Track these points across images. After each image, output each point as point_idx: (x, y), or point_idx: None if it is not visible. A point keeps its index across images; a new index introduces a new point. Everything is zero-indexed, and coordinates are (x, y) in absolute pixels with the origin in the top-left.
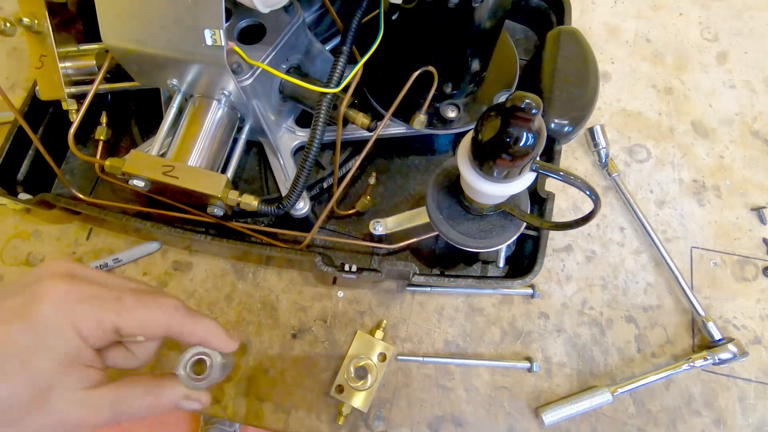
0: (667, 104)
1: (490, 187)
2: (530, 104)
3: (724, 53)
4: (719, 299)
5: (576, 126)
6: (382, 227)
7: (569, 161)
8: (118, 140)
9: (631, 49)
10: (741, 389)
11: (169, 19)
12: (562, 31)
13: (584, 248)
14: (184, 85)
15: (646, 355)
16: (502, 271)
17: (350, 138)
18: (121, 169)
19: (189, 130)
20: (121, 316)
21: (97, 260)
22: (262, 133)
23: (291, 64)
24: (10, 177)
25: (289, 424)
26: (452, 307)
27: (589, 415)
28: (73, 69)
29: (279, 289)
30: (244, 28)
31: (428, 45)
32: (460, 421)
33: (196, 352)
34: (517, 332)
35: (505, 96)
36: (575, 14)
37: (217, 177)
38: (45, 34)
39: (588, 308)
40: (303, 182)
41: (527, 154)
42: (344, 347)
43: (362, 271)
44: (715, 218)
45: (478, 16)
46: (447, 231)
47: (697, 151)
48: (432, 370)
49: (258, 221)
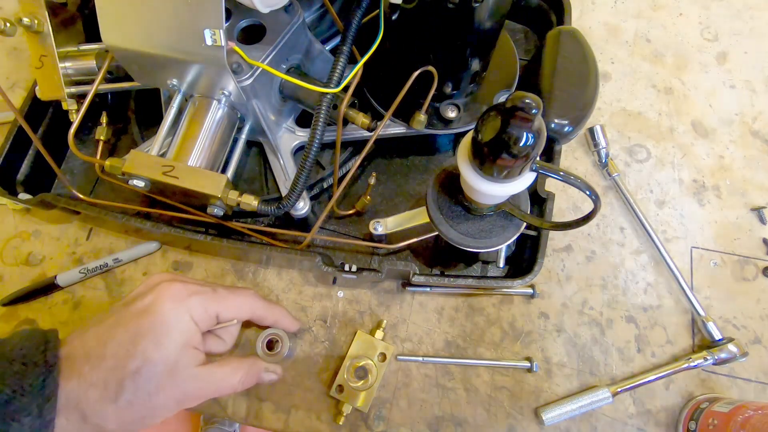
0: (667, 104)
1: (490, 187)
2: (530, 104)
3: (724, 53)
4: (719, 299)
5: (576, 126)
6: (382, 227)
7: (569, 161)
8: (118, 140)
9: (631, 49)
10: (741, 389)
11: (169, 19)
12: (562, 31)
13: (584, 248)
14: (184, 85)
15: (646, 355)
16: (502, 271)
17: (350, 138)
18: (121, 169)
19: (189, 130)
20: (220, 303)
21: (97, 260)
22: (262, 133)
23: (291, 64)
24: (10, 177)
25: (289, 424)
26: (452, 307)
27: (589, 415)
28: (73, 69)
29: (279, 289)
30: (244, 28)
31: (428, 45)
32: (460, 421)
33: (269, 333)
34: (517, 332)
35: (505, 96)
36: (575, 14)
37: (217, 177)
38: (45, 34)
39: (588, 308)
40: (303, 182)
41: (527, 154)
42: (344, 347)
43: (362, 271)
44: (715, 218)
45: (478, 16)
46: (447, 231)
47: (697, 151)
48: (432, 370)
49: (258, 221)
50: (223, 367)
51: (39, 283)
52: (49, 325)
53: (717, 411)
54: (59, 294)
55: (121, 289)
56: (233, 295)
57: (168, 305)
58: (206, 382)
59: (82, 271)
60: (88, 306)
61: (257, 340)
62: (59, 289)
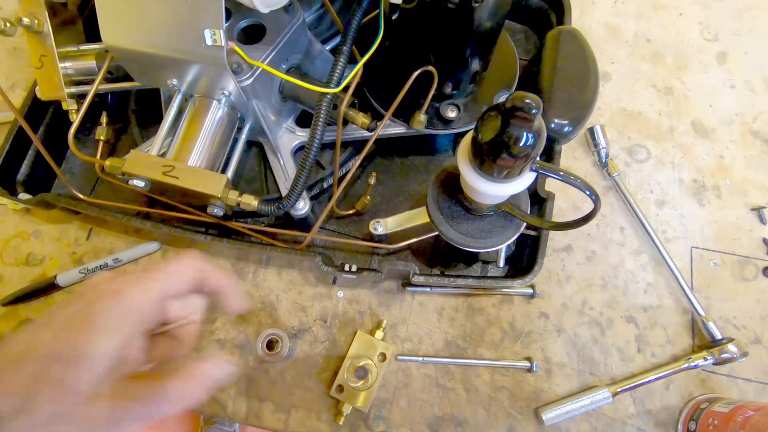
0: (667, 104)
1: (490, 187)
2: (530, 104)
3: (724, 53)
4: (719, 299)
5: (576, 126)
6: (382, 227)
7: (569, 161)
8: (118, 140)
9: (631, 49)
10: (741, 389)
11: (169, 19)
12: (562, 31)
13: (584, 248)
14: (184, 85)
15: (646, 355)
16: (502, 271)
17: (350, 138)
18: (121, 169)
19: (189, 130)
20: (159, 280)
21: (97, 260)
22: (262, 133)
23: (291, 64)
24: (10, 177)
25: (289, 424)
26: (452, 307)
27: (589, 415)
28: (73, 69)
29: (279, 289)
30: (244, 28)
31: (428, 45)
32: (460, 421)
33: (269, 333)
34: (517, 332)
35: (505, 96)
36: (575, 14)
37: (217, 177)
38: (45, 34)
39: (588, 308)
40: (303, 182)
41: (527, 154)
42: (344, 347)
43: (362, 271)
44: (715, 218)
45: (478, 16)
46: (447, 231)
47: (697, 151)
48: (432, 370)
49: (258, 221)
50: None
51: (39, 283)
52: None
53: (717, 411)
54: (59, 294)
55: None
56: (173, 262)
57: (100, 304)
58: (144, 398)
59: (82, 271)
60: None
61: (257, 340)
62: (59, 289)
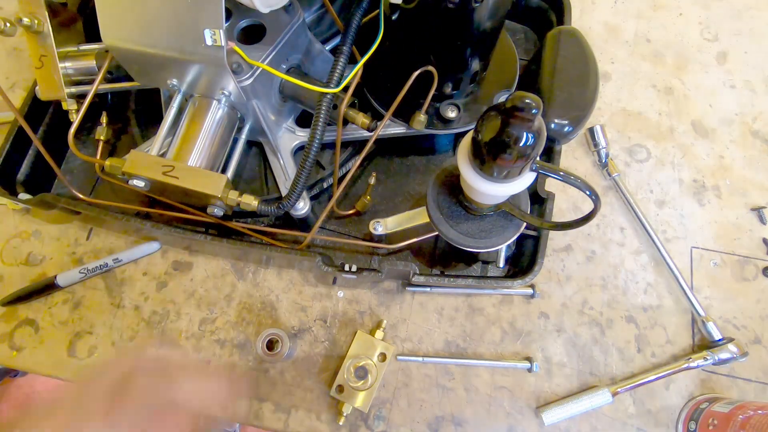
0: (667, 104)
1: (490, 187)
2: (530, 104)
3: (724, 53)
4: (719, 299)
5: (576, 126)
6: (382, 227)
7: (569, 161)
8: (118, 140)
9: (631, 49)
10: (741, 389)
11: (169, 19)
12: (562, 31)
13: (584, 248)
14: (184, 85)
15: (646, 355)
16: (502, 271)
17: (350, 138)
18: (121, 169)
19: (189, 130)
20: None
21: (97, 260)
22: (262, 133)
23: (291, 64)
24: (10, 177)
25: (289, 424)
26: (452, 307)
27: (589, 415)
28: (73, 69)
29: (279, 289)
30: (244, 28)
31: (428, 45)
32: (460, 421)
33: (269, 333)
34: (517, 332)
35: (505, 96)
36: (575, 14)
37: (217, 177)
38: (45, 34)
39: (588, 308)
40: (303, 182)
41: (527, 154)
42: (344, 347)
43: (362, 271)
44: (715, 218)
45: (478, 16)
46: (447, 231)
47: (697, 151)
48: (432, 370)
49: (258, 221)
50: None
51: (39, 283)
52: (49, 325)
53: (717, 411)
54: (59, 294)
55: (121, 289)
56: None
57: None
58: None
59: (82, 271)
60: (88, 306)
61: (257, 340)
62: (59, 289)
